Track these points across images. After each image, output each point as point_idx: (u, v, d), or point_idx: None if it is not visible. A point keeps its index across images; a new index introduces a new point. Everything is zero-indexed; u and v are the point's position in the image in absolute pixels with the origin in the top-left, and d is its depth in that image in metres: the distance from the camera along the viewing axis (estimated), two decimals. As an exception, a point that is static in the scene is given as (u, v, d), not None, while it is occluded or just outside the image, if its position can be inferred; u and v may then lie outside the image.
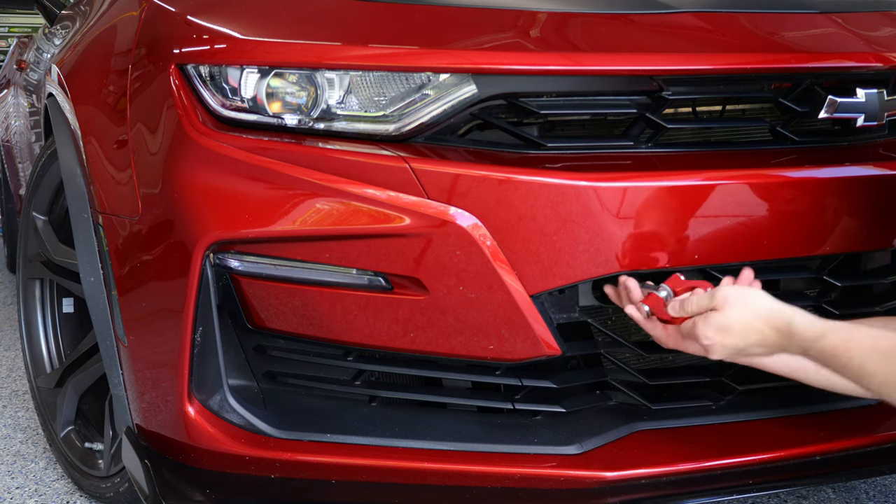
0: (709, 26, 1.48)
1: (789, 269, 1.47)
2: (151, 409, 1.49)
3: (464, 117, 1.36)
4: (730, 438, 1.44)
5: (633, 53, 1.37)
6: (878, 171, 1.43)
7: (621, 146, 1.39)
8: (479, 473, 1.38)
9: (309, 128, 1.38)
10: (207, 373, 1.42)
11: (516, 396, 1.44)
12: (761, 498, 1.92)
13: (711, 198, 1.34)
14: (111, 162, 1.55)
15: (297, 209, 1.32)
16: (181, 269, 1.37)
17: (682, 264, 1.35)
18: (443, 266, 1.30)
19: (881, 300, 1.54)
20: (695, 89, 1.40)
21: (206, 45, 1.40)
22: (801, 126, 1.47)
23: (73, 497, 2.01)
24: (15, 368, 2.90)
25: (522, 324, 1.32)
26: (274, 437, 1.41)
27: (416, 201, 1.29)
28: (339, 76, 1.36)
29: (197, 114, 1.39)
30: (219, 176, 1.35)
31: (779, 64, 1.42)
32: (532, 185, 1.29)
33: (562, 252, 1.31)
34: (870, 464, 1.51)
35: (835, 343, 1.19)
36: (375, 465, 1.39)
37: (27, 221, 2.16)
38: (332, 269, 1.36)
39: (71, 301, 2.20)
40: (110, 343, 1.57)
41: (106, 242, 1.55)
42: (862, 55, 1.47)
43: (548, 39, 1.40)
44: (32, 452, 2.25)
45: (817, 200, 1.39)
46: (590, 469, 1.36)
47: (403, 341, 1.36)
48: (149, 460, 1.50)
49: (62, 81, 1.82)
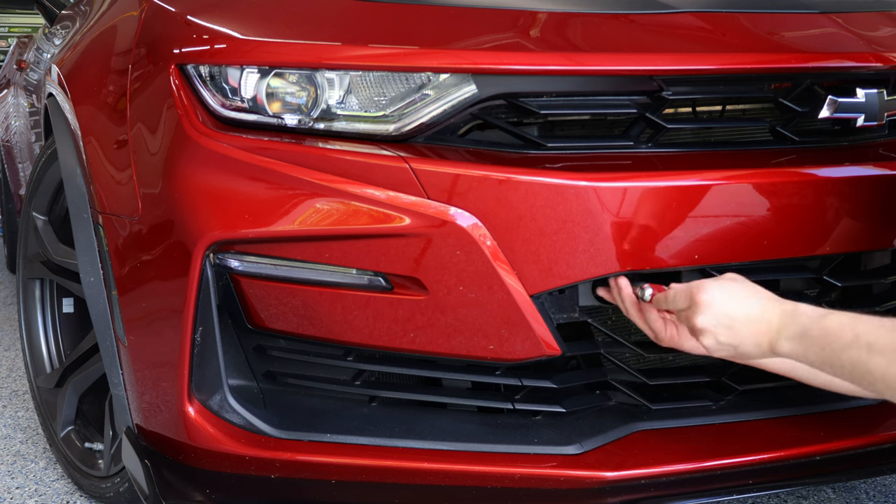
0: (709, 26, 1.48)
1: (789, 269, 1.47)
2: (151, 409, 1.49)
3: (464, 117, 1.36)
4: (730, 438, 1.44)
5: (633, 53, 1.37)
6: (878, 171, 1.43)
7: (621, 146, 1.39)
8: (479, 473, 1.38)
9: (309, 128, 1.38)
10: (207, 373, 1.42)
11: (516, 396, 1.44)
12: (761, 498, 1.92)
13: (711, 198, 1.34)
14: (111, 162, 1.55)
15: (297, 209, 1.32)
16: (181, 269, 1.37)
17: (682, 264, 1.35)
18: (443, 266, 1.30)
19: (881, 300, 1.54)
20: (695, 89, 1.40)
21: (206, 45, 1.40)
22: (801, 126, 1.47)
23: (73, 497, 2.01)
24: (15, 368, 2.90)
25: (522, 324, 1.32)
26: (274, 437, 1.41)
27: (416, 201, 1.29)
28: (339, 76, 1.36)
29: (197, 114, 1.39)
30: (219, 176, 1.35)
31: (779, 64, 1.42)
32: (532, 185, 1.29)
33: (562, 252, 1.31)
34: (870, 464, 1.50)
35: (841, 320, 1.14)
36: (375, 465, 1.39)
37: (27, 221, 2.16)
38: (332, 269, 1.36)
39: (71, 301, 2.20)
40: (110, 343, 1.57)
41: (106, 242, 1.55)
42: (862, 55, 1.47)
43: (548, 39, 1.40)
44: (32, 452, 2.25)
45: (817, 200, 1.39)
46: (590, 469, 1.36)
47: (403, 341, 1.36)
48: (149, 460, 1.50)
49: (62, 81, 1.82)
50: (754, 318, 1.20)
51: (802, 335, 1.17)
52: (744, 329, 1.21)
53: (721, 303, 1.22)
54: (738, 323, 1.21)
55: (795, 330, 1.17)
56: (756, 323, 1.20)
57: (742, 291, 1.22)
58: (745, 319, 1.20)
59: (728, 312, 1.21)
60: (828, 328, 1.14)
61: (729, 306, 1.21)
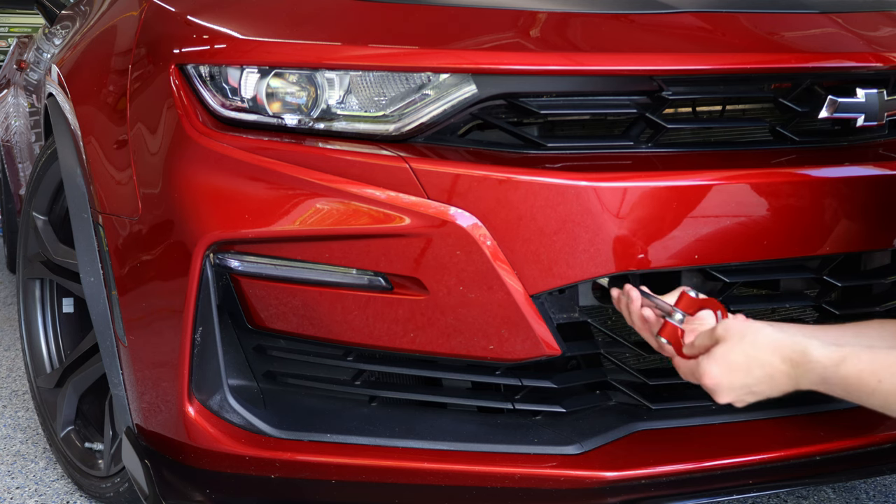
0: (709, 26, 1.48)
1: (789, 269, 1.47)
2: (151, 409, 1.49)
3: (464, 117, 1.36)
4: (730, 438, 1.44)
5: (633, 53, 1.37)
6: (878, 171, 1.43)
7: (621, 146, 1.39)
8: (479, 473, 1.38)
9: (309, 128, 1.38)
10: (207, 373, 1.42)
11: (516, 396, 1.44)
12: (761, 498, 1.92)
13: (711, 198, 1.34)
14: (111, 162, 1.55)
15: (297, 209, 1.32)
16: (181, 269, 1.37)
17: (681, 264, 1.35)
18: (443, 266, 1.30)
19: (881, 300, 1.54)
20: (695, 89, 1.40)
21: (206, 45, 1.40)
22: (801, 126, 1.47)
23: (73, 497, 2.01)
24: (15, 368, 2.90)
25: (522, 324, 1.32)
26: (274, 437, 1.41)
27: (416, 201, 1.29)
28: (339, 76, 1.36)
29: (197, 114, 1.39)
30: (219, 176, 1.35)
31: (779, 64, 1.42)
32: (532, 185, 1.29)
33: (562, 252, 1.31)
34: (870, 464, 1.50)
35: (859, 367, 1.10)
36: (375, 465, 1.39)
37: (27, 221, 2.16)
38: (332, 269, 1.36)
39: (71, 301, 2.20)
40: (110, 343, 1.57)
41: (106, 242, 1.55)
42: (862, 55, 1.47)
43: (548, 39, 1.40)
44: (32, 452, 2.25)
45: (817, 200, 1.39)
46: (590, 469, 1.36)
47: (403, 341, 1.36)
48: (149, 460, 1.50)
49: (62, 81, 1.82)
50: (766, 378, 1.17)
51: (822, 383, 1.15)
52: (762, 386, 1.18)
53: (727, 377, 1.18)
54: (754, 386, 1.18)
55: (813, 379, 1.15)
56: (770, 380, 1.17)
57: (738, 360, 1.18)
58: (758, 381, 1.18)
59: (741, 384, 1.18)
60: (847, 378, 1.12)
61: (736, 378, 1.18)
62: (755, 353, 1.17)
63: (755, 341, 1.17)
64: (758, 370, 1.17)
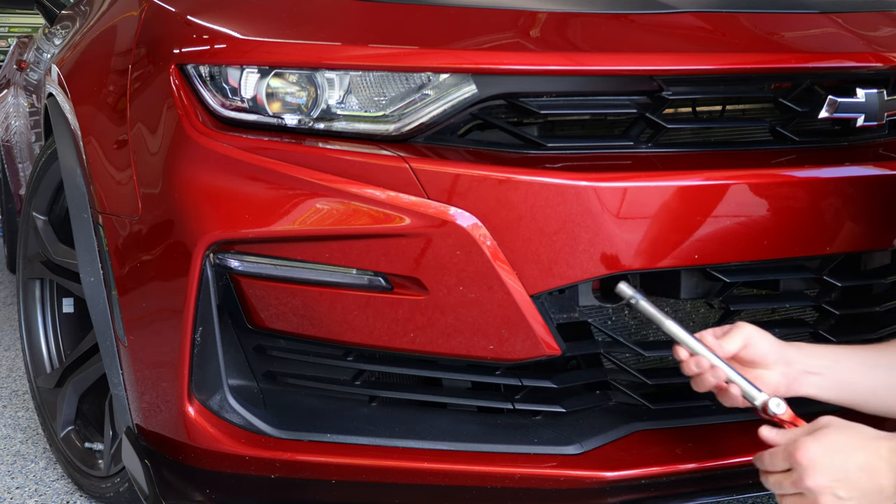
0: (709, 26, 1.48)
1: (789, 269, 1.47)
2: (151, 409, 1.49)
3: (464, 117, 1.36)
4: (730, 438, 1.44)
5: (633, 53, 1.37)
6: (878, 171, 1.43)
7: (621, 146, 1.39)
8: (479, 473, 1.38)
9: (309, 128, 1.38)
10: (207, 373, 1.42)
11: (516, 396, 1.44)
12: (761, 498, 1.92)
13: (711, 198, 1.34)
14: (111, 162, 1.55)
15: (297, 209, 1.32)
16: (181, 269, 1.37)
17: (682, 264, 1.35)
18: (443, 266, 1.30)
19: (881, 300, 1.54)
20: (695, 89, 1.40)
21: (206, 45, 1.40)
22: (801, 126, 1.47)
23: (73, 497, 2.01)
24: (15, 368, 2.90)
25: (522, 324, 1.32)
26: (274, 437, 1.41)
27: (416, 201, 1.29)
28: (339, 76, 1.36)
29: (197, 114, 1.39)
30: (219, 176, 1.35)
31: (779, 64, 1.42)
32: (532, 185, 1.29)
33: (562, 252, 1.31)
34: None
35: None
36: (375, 465, 1.39)
37: (27, 221, 2.16)
38: (332, 269, 1.36)
39: (71, 301, 2.20)
40: (110, 343, 1.57)
41: (106, 242, 1.55)
42: (862, 55, 1.47)
43: (548, 39, 1.40)
44: (32, 452, 2.25)
45: (817, 200, 1.39)
46: (590, 469, 1.36)
47: (403, 341, 1.36)
48: (149, 460, 1.50)
49: (62, 81, 1.82)
50: (866, 466, 1.11)
51: None
52: (860, 478, 1.11)
53: (825, 456, 1.11)
54: (852, 474, 1.11)
55: None
56: (870, 471, 1.11)
57: (842, 441, 1.12)
58: (858, 468, 1.11)
59: (838, 466, 1.11)
60: None
61: (836, 460, 1.11)
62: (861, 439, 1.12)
63: (861, 430, 1.14)
64: (860, 455, 1.11)
